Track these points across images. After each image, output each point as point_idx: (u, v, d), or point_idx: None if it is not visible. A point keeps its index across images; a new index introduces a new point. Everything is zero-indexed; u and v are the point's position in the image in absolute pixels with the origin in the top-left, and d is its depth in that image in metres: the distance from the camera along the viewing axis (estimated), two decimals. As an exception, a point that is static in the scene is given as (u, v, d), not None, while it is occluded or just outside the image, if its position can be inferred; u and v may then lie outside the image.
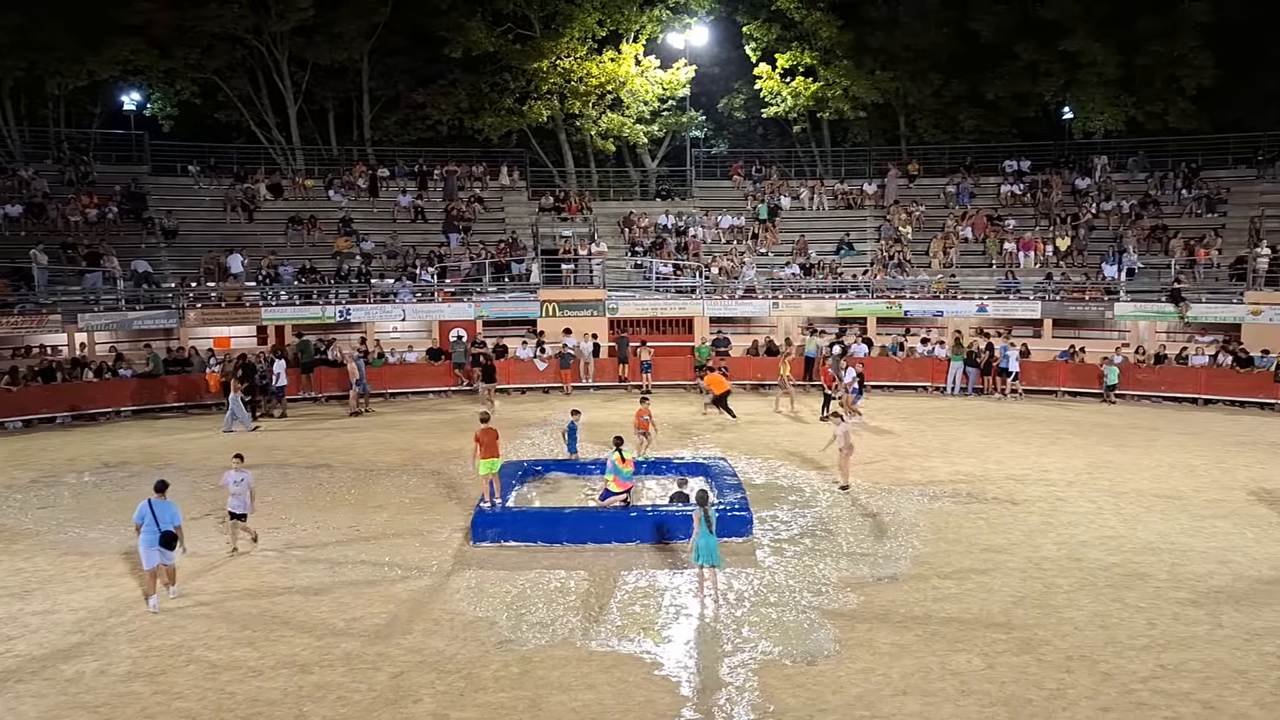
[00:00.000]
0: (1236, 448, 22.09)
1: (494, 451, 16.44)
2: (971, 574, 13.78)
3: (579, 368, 30.41)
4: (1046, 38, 37.78)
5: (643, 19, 40.59)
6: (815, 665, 11.02)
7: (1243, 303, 29.70)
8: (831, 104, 41.48)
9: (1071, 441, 22.75)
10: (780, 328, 33.72)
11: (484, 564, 14.45)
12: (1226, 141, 37.39)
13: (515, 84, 41.09)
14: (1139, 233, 34.14)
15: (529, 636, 11.84)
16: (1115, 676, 10.61)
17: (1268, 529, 15.83)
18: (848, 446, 18.26)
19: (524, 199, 38.94)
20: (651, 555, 14.75)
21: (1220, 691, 10.28)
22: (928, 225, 37.18)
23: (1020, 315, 32.47)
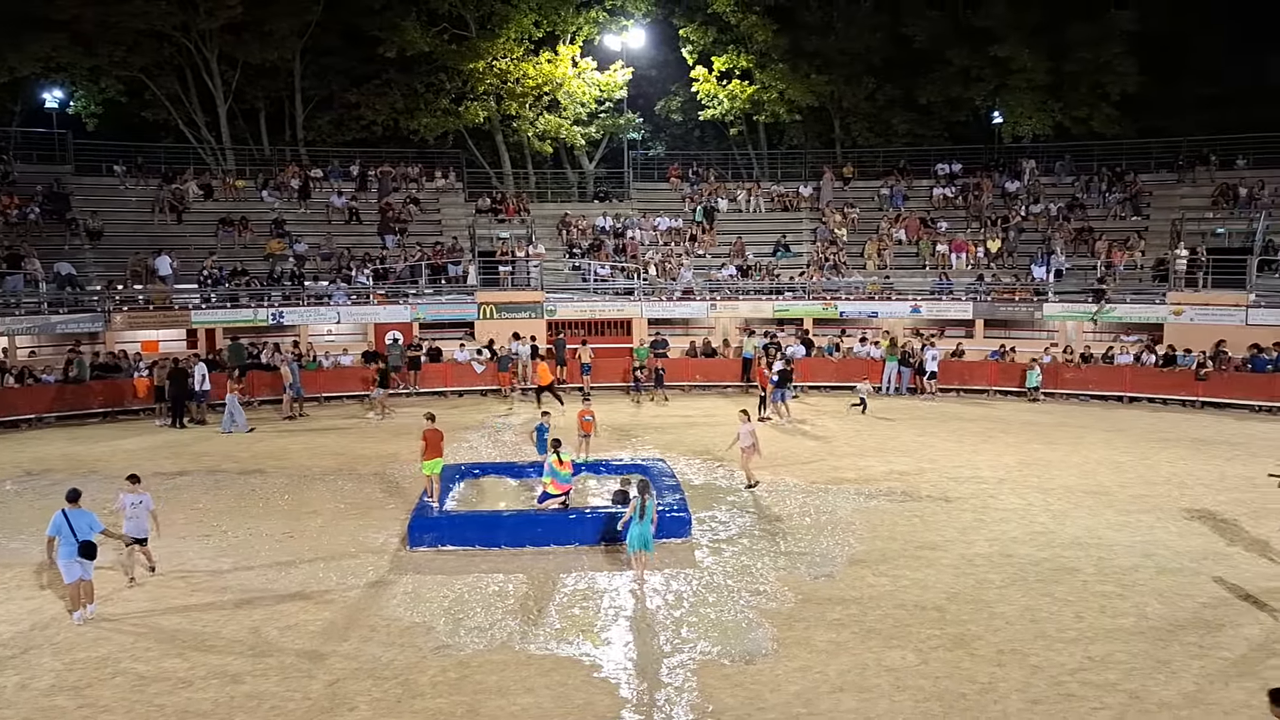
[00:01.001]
0: (1160, 444, 22.72)
1: (438, 452, 16.74)
2: (906, 571, 13.98)
3: (518, 370, 30.25)
4: (978, 44, 38.54)
5: (579, 20, 40.52)
6: (753, 664, 11.08)
7: (1165, 303, 30.54)
8: (767, 107, 41.81)
9: (1002, 440, 23.21)
10: (718, 329, 33.90)
11: (421, 569, 14.30)
12: (1149, 146, 38.46)
13: (451, 84, 40.74)
14: (1066, 235, 34.95)
15: (467, 641, 11.74)
16: (1045, 669, 10.84)
17: (1189, 523, 16.30)
18: (750, 446, 18.28)
19: (461, 200, 38.64)
20: (591, 557, 14.73)
21: (1145, 682, 10.56)
22: (862, 227, 37.66)
23: (953, 316, 33.04)
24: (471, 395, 29.93)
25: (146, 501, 13.72)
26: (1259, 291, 29.65)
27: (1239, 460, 20.92)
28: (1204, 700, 10.15)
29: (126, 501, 13.54)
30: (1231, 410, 26.82)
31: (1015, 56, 37.75)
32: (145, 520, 13.63)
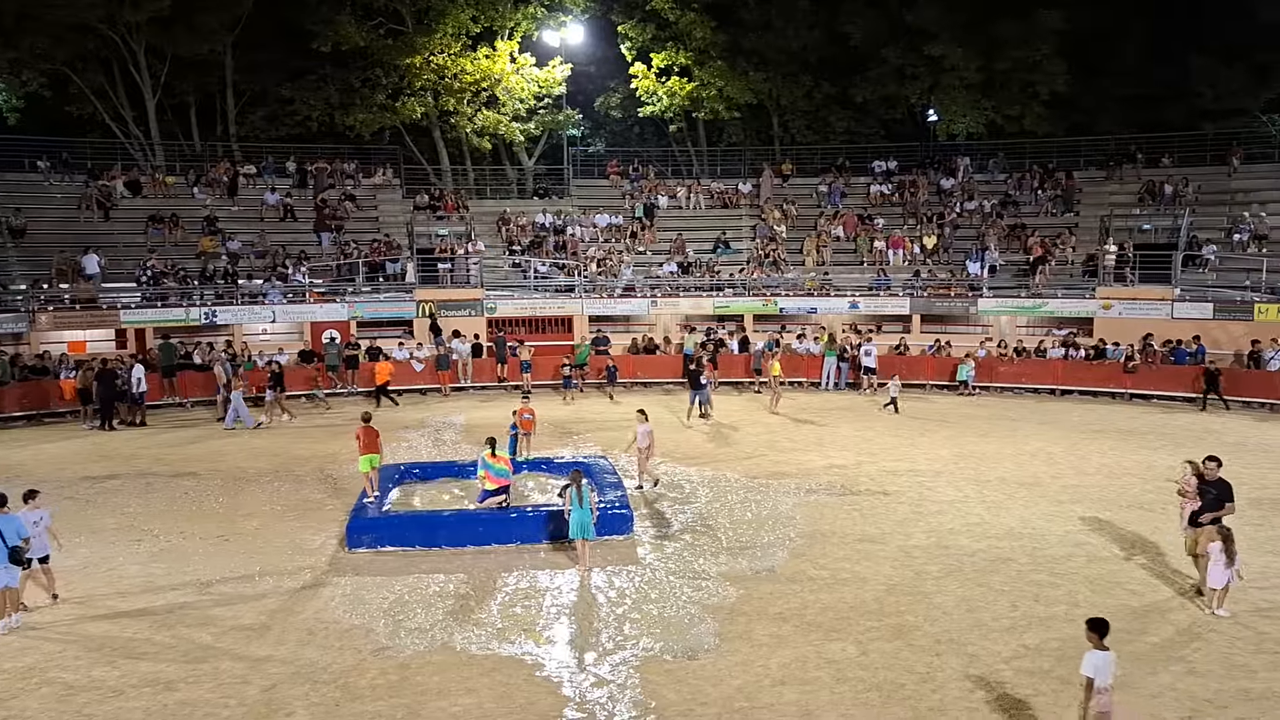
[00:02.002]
0: (1090, 435, 23.25)
1: (374, 448, 16.74)
2: (846, 564, 14.12)
3: (458, 368, 30.02)
4: (913, 42, 39.10)
5: (517, 16, 40.28)
6: (696, 660, 11.11)
7: (1094, 297, 31.25)
8: (706, 104, 41.97)
9: (939, 433, 23.57)
10: (659, 326, 33.95)
11: (360, 570, 14.11)
12: (1079, 144, 39.35)
13: (388, 80, 40.25)
14: (999, 231, 35.60)
15: (407, 643, 11.61)
16: (981, 658, 11.03)
17: (1119, 512, 16.70)
18: (648, 446, 18.25)
19: (398, 197, 38.22)
20: (532, 556, 14.65)
21: (1075, 668, 10.72)
22: (801, 224, 37.99)
23: (890, 311, 33.47)
24: (411, 394, 29.61)
25: (45, 518, 12.85)
26: (1183, 286, 30.47)
27: (1165, 450, 21.48)
28: (1133, 685, 10.38)
29: (27, 520, 12.47)
30: (1158, 401, 27.53)
31: (948, 55, 38.41)
32: (45, 538, 12.74)
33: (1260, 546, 14.46)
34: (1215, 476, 13.09)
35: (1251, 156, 36.30)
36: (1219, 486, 13.00)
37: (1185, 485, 13.49)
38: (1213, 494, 12.96)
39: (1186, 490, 13.41)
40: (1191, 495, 13.23)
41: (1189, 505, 13.25)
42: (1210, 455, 13.39)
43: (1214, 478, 13.09)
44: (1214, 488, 13.02)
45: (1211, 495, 12.95)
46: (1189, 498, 13.30)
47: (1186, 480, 13.49)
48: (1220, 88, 39.41)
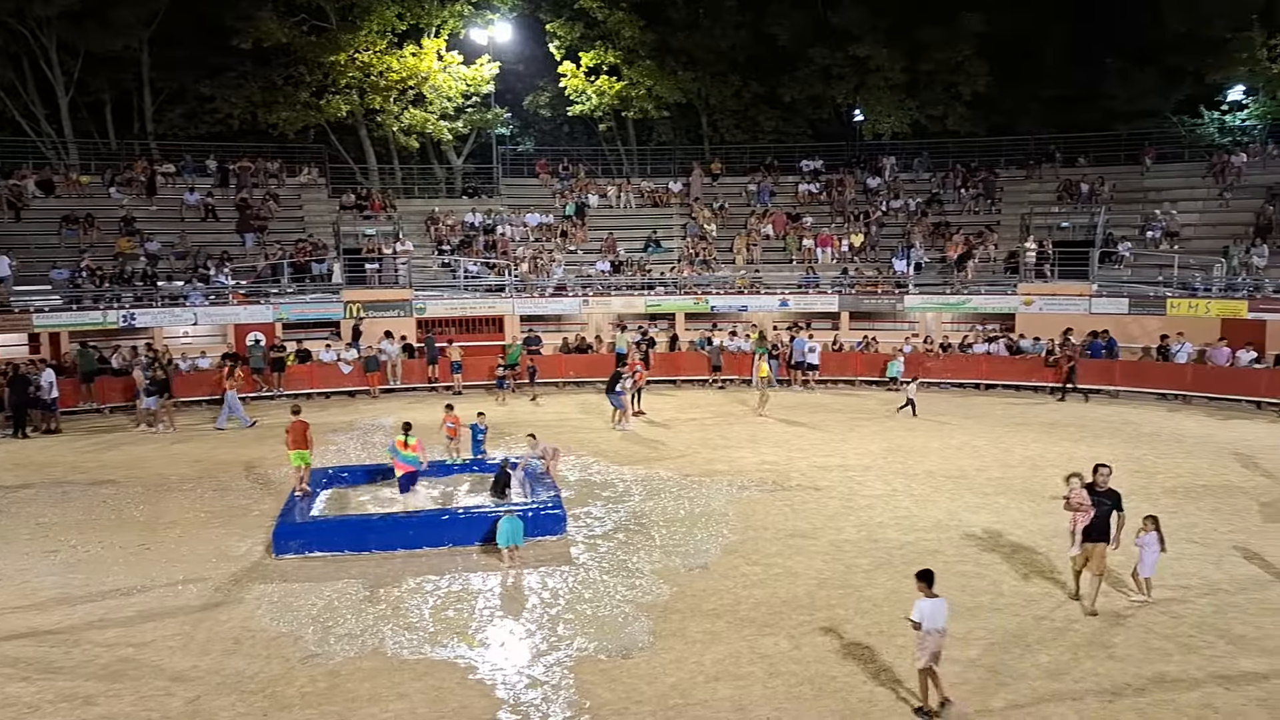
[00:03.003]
0: (1014, 428, 23.79)
1: (304, 443, 16.74)
2: (778, 559, 14.25)
3: (387, 370, 29.63)
4: (839, 43, 39.61)
5: (444, 14, 39.85)
6: (630, 658, 11.11)
7: (1016, 294, 31.97)
8: (636, 103, 42.00)
9: (868, 428, 23.92)
10: (591, 325, 33.90)
11: (288, 577, 13.85)
12: (1000, 144, 40.24)
13: (312, 78, 39.50)
14: (924, 229, 36.23)
15: (337, 649, 11.43)
16: (910, 649, 11.15)
17: (1041, 503, 17.09)
18: (553, 452, 18.23)
19: (324, 197, 37.57)
20: (465, 558, 14.53)
21: (1002, 656, 11.03)
22: (731, 223, 38.23)
23: (819, 309, 33.83)
24: (339, 396, 29.16)
25: None
26: (1100, 282, 31.33)
27: (1085, 442, 22.08)
28: (1057, 671, 10.65)
29: None
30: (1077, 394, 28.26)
31: (873, 56, 38.98)
32: None
33: (1175, 534, 14.87)
34: (1107, 485, 12.38)
35: (1163, 156, 37.46)
36: (1113, 496, 12.30)
37: (1076, 500, 12.44)
38: (1108, 504, 12.23)
39: (1078, 504, 12.40)
40: (1085, 509, 12.27)
41: (1080, 520, 12.31)
42: (1100, 463, 12.75)
43: (1105, 486, 12.35)
44: (1108, 498, 12.26)
45: (1106, 506, 12.22)
46: (1081, 511, 12.34)
47: (1077, 494, 12.45)
48: (1133, 90, 40.57)
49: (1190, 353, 27.76)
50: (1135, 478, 18.69)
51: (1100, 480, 12.38)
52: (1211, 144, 38.70)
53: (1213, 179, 35.26)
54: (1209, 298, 29.37)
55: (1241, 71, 37.10)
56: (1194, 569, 13.63)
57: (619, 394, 24.41)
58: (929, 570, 10.14)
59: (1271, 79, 36.37)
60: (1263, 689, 10.20)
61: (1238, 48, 36.24)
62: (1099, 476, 12.42)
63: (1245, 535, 15.26)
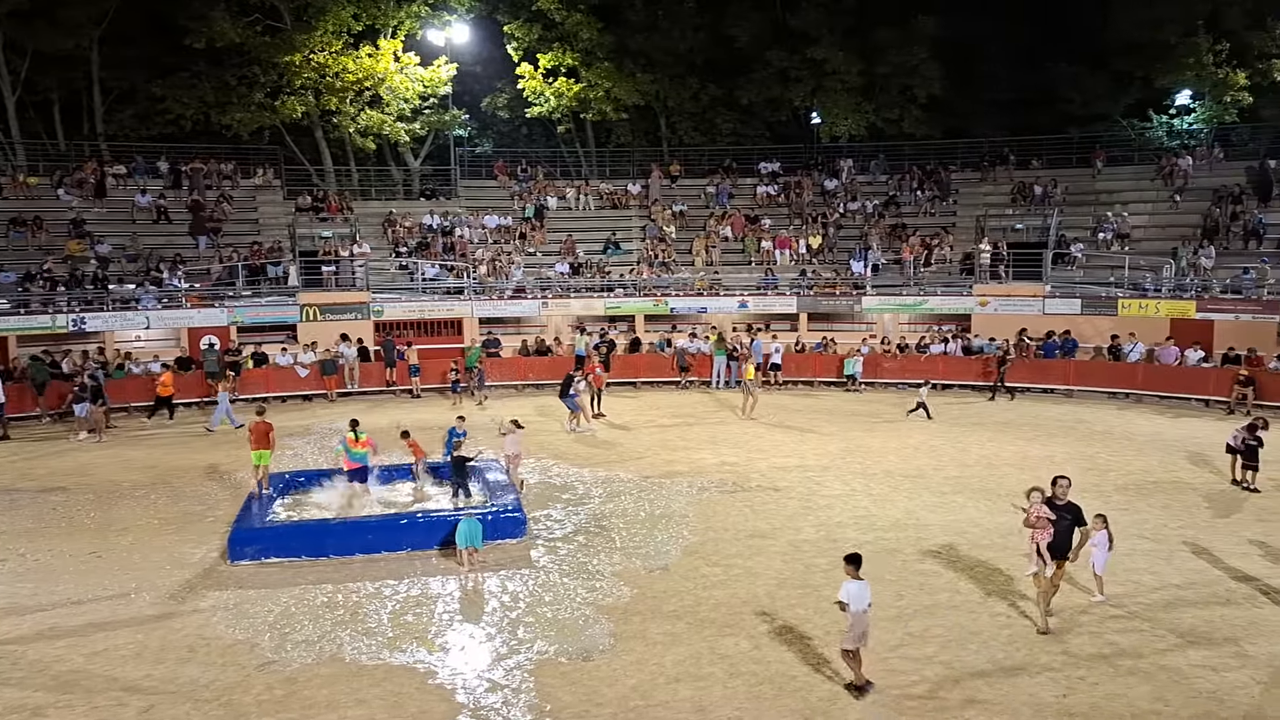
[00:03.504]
0: (970, 428, 24.07)
1: (265, 443, 16.95)
2: (738, 560, 14.30)
3: (344, 373, 29.36)
4: (796, 46, 39.89)
5: (401, 14, 39.56)
6: (591, 661, 11.10)
7: (971, 295, 32.35)
8: (594, 105, 41.98)
9: (827, 428, 24.08)
10: (551, 327, 33.82)
11: (243, 583, 13.67)
12: (955, 146, 40.73)
13: (266, 78, 39.04)
14: (881, 231, 36.56)
15: (294, 656, 11.30)
16: (869, 647, 11.26)
17: (997, 501, 17.32)
18: (515, 454, 18.18)
19: (279, 198, 37.14)
20: (424, 562, 14.43)
21: (958, 653, 11.16)
22: (690, 224, 38.34)
23: (778, 310, 34.02)
24: (295, 400, 28.84)
25: None
26: (1053, 283, 31.80)
27: (1039, 441, 22.40)
28: (1013, 667, 10.79)
29: None
30: (1031, 394, 28.65)
31: (830, 59, 39.34)
32: None
33: (1126, 531, 15.15)
34: (1066, 498, 11.74)
35: (1114, 159, 38.11)
36: (1073, 510, 11.69)
37: (1036, 516, 11.69)
38: (1068, 519, 11.60)
39: (1038, 521, 11.67)
40: (1043, 526, 11.61)
41: (1041, 537, 11.65)
42: (1059, 474, 12.11)
43: (1065, 499, 11.71)
44: (1068, 512, 11.64)
45: (1067, 521, 11.59)
46: (1040, 529, 11.65)
47: (1037, 510, 11.70)
48: (1084, 94, 41.26)
49: (1142, 352, 28.27)
50: (1088, 475, 18.99)
51: (1059, 493, 11.72)
52: (1160, 147, 39.44)
53: (1162, 182, 35.93)
54: (1159, 298, 29.91)
55: (1188, 76, 37.89)
56: (1145, 565, 13.86)
57: (573, 396, 24.37)
58: (857, 554, 10.55)
59: (1217, 84, 37.15)
60: (1212, 681, 10.40)
61: (1185, 53, 37.01)
62: (1057, 489, 11.75)
63: (1194, 531, 15.55)
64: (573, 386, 24.43)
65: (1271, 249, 30.92)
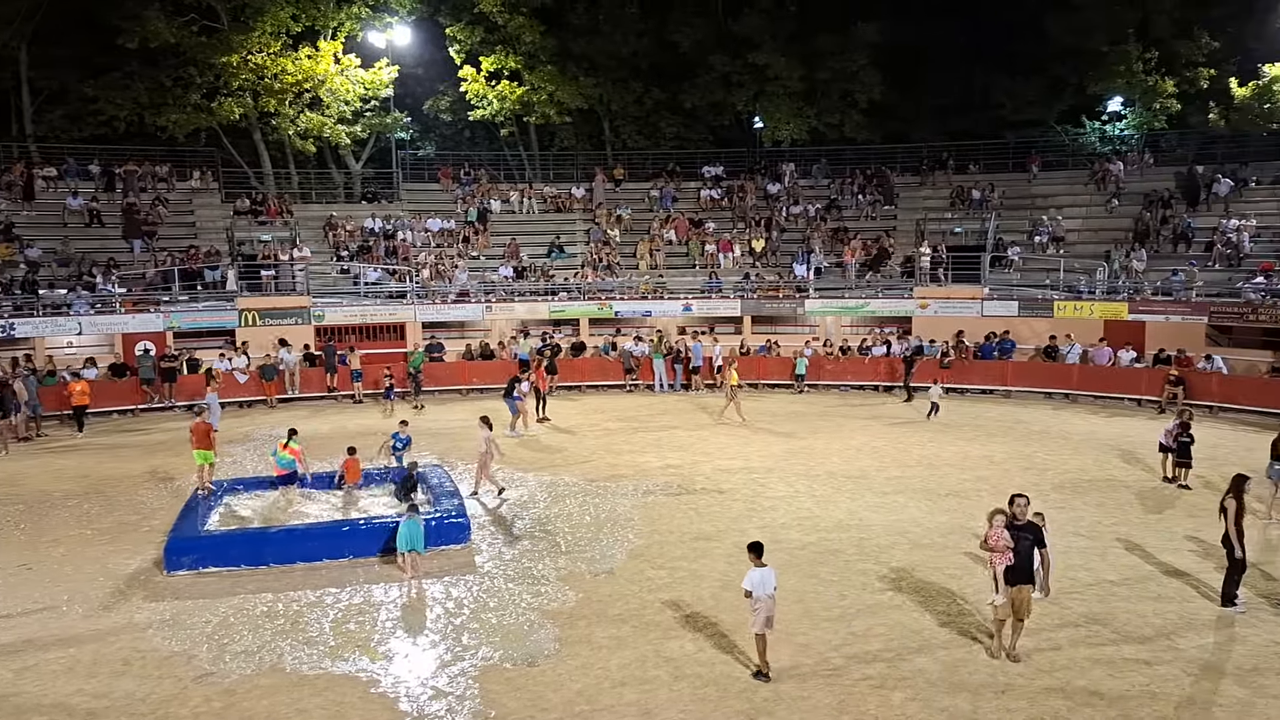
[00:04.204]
0: (911, 429, 24.39)
1: (206, 443, 17.18)
2: (683, 562, 14.33)
3: (284, 379, 28.92)
4: (738, 51, 40.16)
5: (341, 16, 39.05)
6: (536, 666, 11.06)
7: (912, 297, 32.80)
8: (537, 108, 41.82)
9: (771, 430, 24.24)
10: (495, 331, 33.63)
11: (180, 594, 13.41)
12: (895, 151, 41.28)
13: (202, 79, 38.29)
14: (824, 234, 36.91)
15: (233, 667, 11.10)
16: (812, 646, 11.39)
17: (937, 500, 17.58)
18: (488, 453, 18.16)
19: (217, 201, 36.46)
20: (366, 570, 14.27)
21: (900, 651, 11.29)
22: (634, 228, 38.38)
23: (722, 313, 34.18)
24: (234, 406, 28.32)
25: None
26: (991, 285, 32.34)
27: (978, 441, 22.77)
28: (954, 665, 10.95)
29: None
30: (970, 395, 29.12)
31: (772, 64, 39.66)
32: None
33: (1063, 528, 15.47)
34: (1026, 517, 11.20)
35: (1049, 164, 38.89)
36: (1033, 530, 11.19)
37: (996, 539, 11.05)
38: (1029, 539, 11.03)
39: (998, 544, 11.02)
40: (1003, 550, 10.97)
41: (1000, 561, 11.03)
42: (1017, 493, 11.56)
43: (1025, 519, 11.15)
44: (1029, 532, 11.09)
45: (1027, 541, 11.00)
46: (1000, 554, 11.03)
47: (998, 535, 11.05)
48: (1019, 100, 42.03)
49: (1079, 353, 28.89)
50: (1027, 474, 19.39)
51: (1018, 512, 11.12)
52: (1093, 153, 40.33)
53: (1095, 186, 36.76)
54: (1093, 300, 30.57)
55: (1119, 84, 38.78)
56: (1081, 561, 14.15)
57: (516, 399, 24.29)
58: (759, 543, 11.03)
59: (1147, 91, 38.09)
60: (1145, 675, 10.64)
61: (1116, 61, 37.88)
62: (1015, 508, 11.15)
63: (1127, 528, 15.92)
64: (516, 389, 24.33)
65: (1200, 252, 31.78)
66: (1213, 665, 10.94)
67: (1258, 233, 31.49)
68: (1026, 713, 9.88)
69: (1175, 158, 37.97)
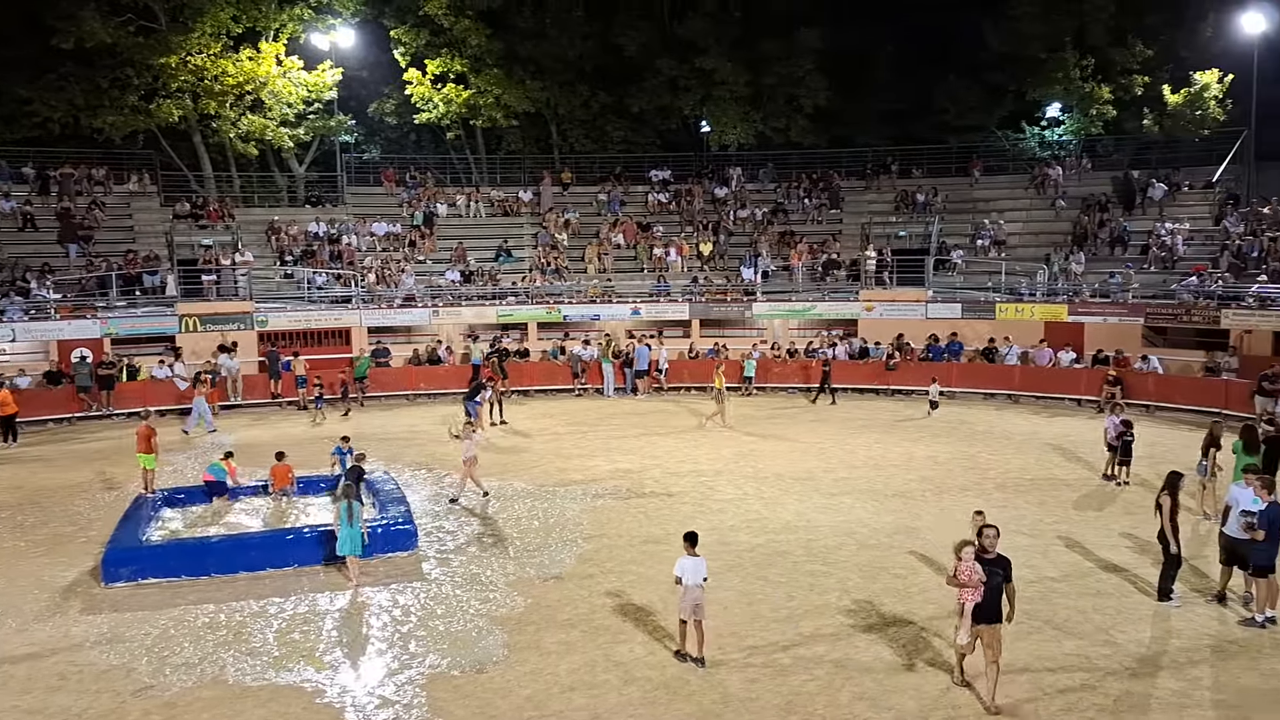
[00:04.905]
0: (858, 430, 24.64)
1: (149, 447, 17.52)
2: (632, 566, 14.33)
3: (227, 385, 28.44)
4: (684, 55, 40.31)
5: (283, 17, 38.49)
6: (484, 673, 10.98)
7: (858, 300, 33.15)
8: (484, 112, 41.58)
9: (719, 433, 24.34)
10: (442, 336, 33.36)
11: (119, 606, 13.11)
12: (840, 155, 41.72)
13: (140, 80, 37.49)
14: (771, 238, 37.18)
15: (173, 680, 10.88)
16: (760, 648, 11.45)
17: (884, 501, 17.77)
18: (474, 458, 18.08)
19: (156, 205, 35.79)
20: (311, 578, 14.08)
21: (847, 651, 11.39)
22: (582, 232, 38.34)
23: (671, 316, 34.26)
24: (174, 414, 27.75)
25: None
26: (935, 288, 32.82)
27: (923, 441, 23.06)
28: (898, 664, 11.06)
29: None
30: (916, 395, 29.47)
31: (719, 69, 39.87)
32: None
33: (1005, 526, 15.57)
34: (996, 549, 10.24)
35: (990, 169, 39.57)
36: (1004, 565, 10.21)
37: (966, 575, 10.10)
38: (999, 574, 10.09)
39: (970, 579, 10.10)
40: (976, 585, 10.07)
41: (970, 598, 10.13)
42: (986, 524, 10.67)
43: (994, 551, 10.21)
44: (1000, 566, 10.15)
45: (998, 577, 10.08)
46: (970, 589, 10.12)
47: (969, 568, 10.09)
48: (960, 105, 42.64)
49: (1018, 354, 29.40)
50: (970, 474, 19.69)
51: (987, 544, 10.21)
52: (1033, 158, 41.09)
53: (1035, 190, 37.45)
54: (1034, 302, 31.18)
55: (1057, 90, 39.52)
56: (1022, 559, 14.34)
57: (477, 403, 24.24)
58: (694, 532, 11.45)
59: (1084, 98, 38.89)
60: (1085, 669, 10.85)
61: (1054, 68, 38.61)
62: (985, 539, 10.26)
63: (1068, 525, 16.22)
64: (479, 394, 24.36)
65: (1135, 255, 32.53)
66: (1149, 659, 11.18)
67: (1190, 236, 32.31)
68: (973, 708, 10.02)
69: (1111, 162, 38.89)
